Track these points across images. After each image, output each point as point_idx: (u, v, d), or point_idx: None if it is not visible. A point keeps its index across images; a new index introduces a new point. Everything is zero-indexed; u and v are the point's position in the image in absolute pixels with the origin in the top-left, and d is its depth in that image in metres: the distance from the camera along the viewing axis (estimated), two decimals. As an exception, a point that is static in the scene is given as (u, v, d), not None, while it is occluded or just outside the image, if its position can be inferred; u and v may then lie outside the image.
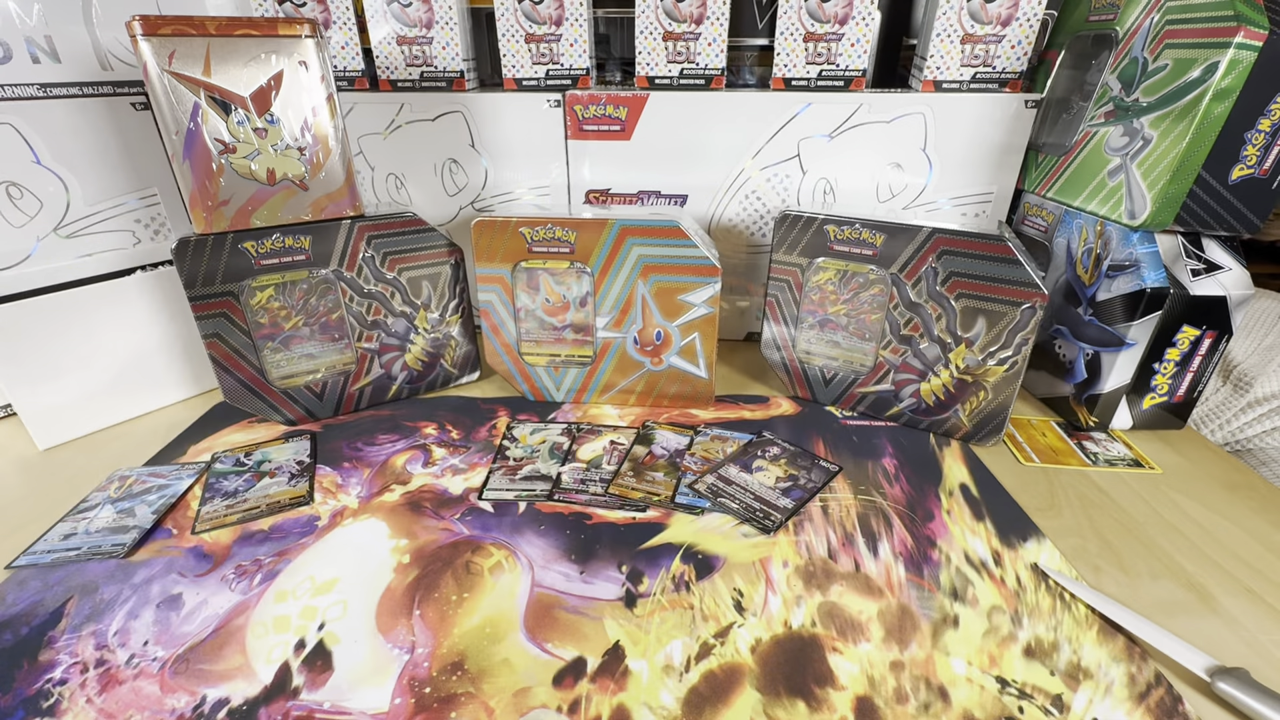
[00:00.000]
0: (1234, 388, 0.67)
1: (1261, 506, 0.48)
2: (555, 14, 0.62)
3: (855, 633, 0.37)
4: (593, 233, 0.52)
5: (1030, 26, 0.58)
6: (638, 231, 0.51)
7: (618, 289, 0.53)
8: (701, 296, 0.53)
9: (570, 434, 0.55)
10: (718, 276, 0.53)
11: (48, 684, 0.34)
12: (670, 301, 0.54)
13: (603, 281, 0.53)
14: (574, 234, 0.52)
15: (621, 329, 0.55)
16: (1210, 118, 0.45)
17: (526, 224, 0.53)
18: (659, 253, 0.52)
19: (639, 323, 0.54)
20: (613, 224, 0.51)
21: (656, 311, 0.54)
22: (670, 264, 0.52)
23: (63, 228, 0.53)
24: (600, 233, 0.52)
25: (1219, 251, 0.51)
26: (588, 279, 0.54)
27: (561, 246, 0.52)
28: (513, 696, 0.33)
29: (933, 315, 0.52)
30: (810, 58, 0.61)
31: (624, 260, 0.52)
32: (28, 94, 0.50)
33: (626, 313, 0.54)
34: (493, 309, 0.56)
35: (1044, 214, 0.61)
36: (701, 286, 0.53)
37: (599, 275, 0.53)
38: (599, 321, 0.55)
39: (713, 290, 0.53)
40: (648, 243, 0.52)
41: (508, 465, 0.51)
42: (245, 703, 0.33)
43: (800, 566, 0.41)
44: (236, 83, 0.48)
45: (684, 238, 0.51)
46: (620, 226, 0.51)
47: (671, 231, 0.51)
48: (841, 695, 0.33)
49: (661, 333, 0.54)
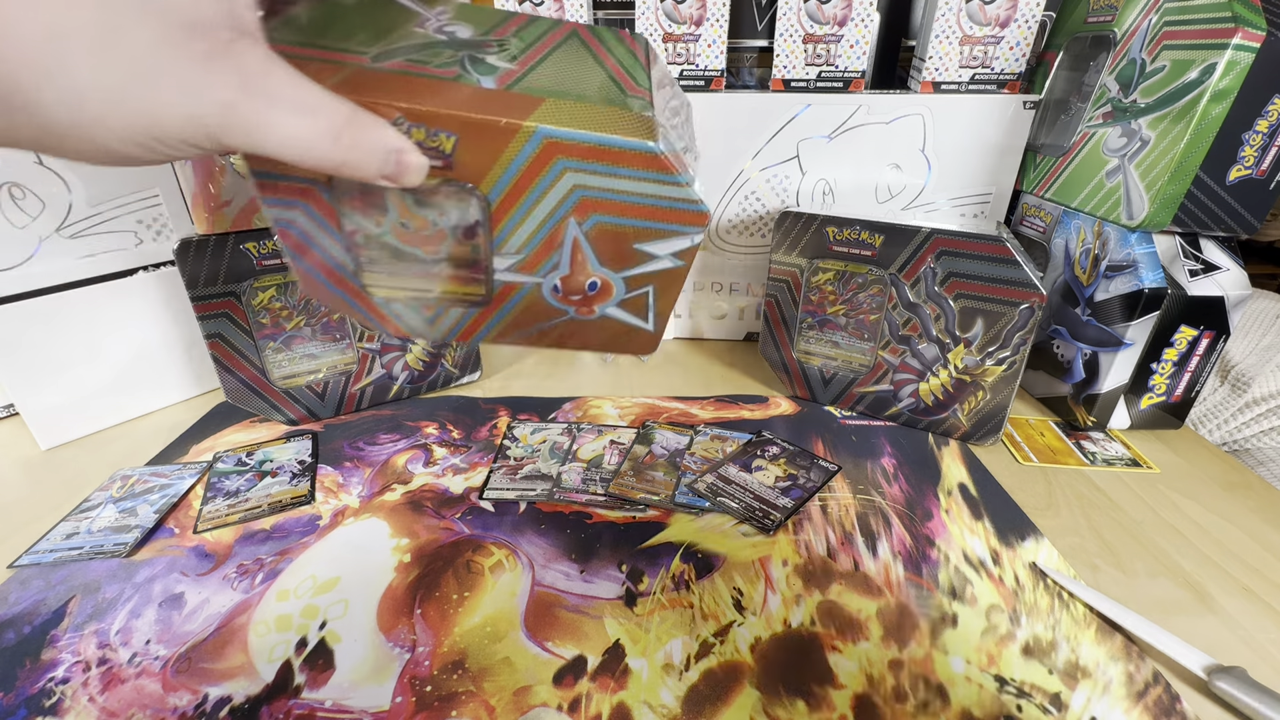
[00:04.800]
0: (1232, 388, 0.67)
1: (1259, 506, 0.48)
2: (555, 15, 0.62)
3: (854, 631, 0.37)
4: (491, 142, 0.28)
5: (1029, 28, 0.58)
6: (576, 151, 0.28)
7: (530, 226, 0.31)
8: (670, 248, 0.32)
9: (570, 433, 0.56)
10: (703, 226, 0.31)
11: (50, 683, 0.34)
12: (619, 248, 0.32)
13: (507, 213, 0.31)
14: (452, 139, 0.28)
15: (536, 273, 0.33)
16: (1208, 119, 0.45)
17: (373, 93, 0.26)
18: (610, 186, 0.30)
19: (564, 268, 0.33)
20: (531, 132, 0.28)
21: (593, 258, 0.33)
22: (627, 203, 0.30)
23: (65, 228, 0.53)
24: (505, 144, 0.28)
25: (1217, 252, 0.51)
26: (477, 204, 0.30)
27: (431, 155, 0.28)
28: (513, 695, 0.33)
29: (931, 315, 0.53)
30: (809, 59, 0.61)
31: (546, 188, 0.30)
32: (30, 95, 0.50)
33: (545, 256, 0.32)
34: (295, 230, 0.31)
35: (1042, 215, 0.61)
36: (673, 236, 0.32)
37: (500, 205, 0.30)
38: (499, 263, 0.33)
39: (690, 242, 0.32)
40: (593, 169, 0.29)
41: (508, 465, 0.51)
42: (247, 701, 0.33)
43: (800, 565, 0.42)
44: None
45: (662, 169, 0.29)
46: (544, 139, 0.28)
47: (639, 158, 0.29)
48: (841, 694, 0.33)
49: (598, 282, 0.34)
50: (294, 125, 0.22)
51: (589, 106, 0.28)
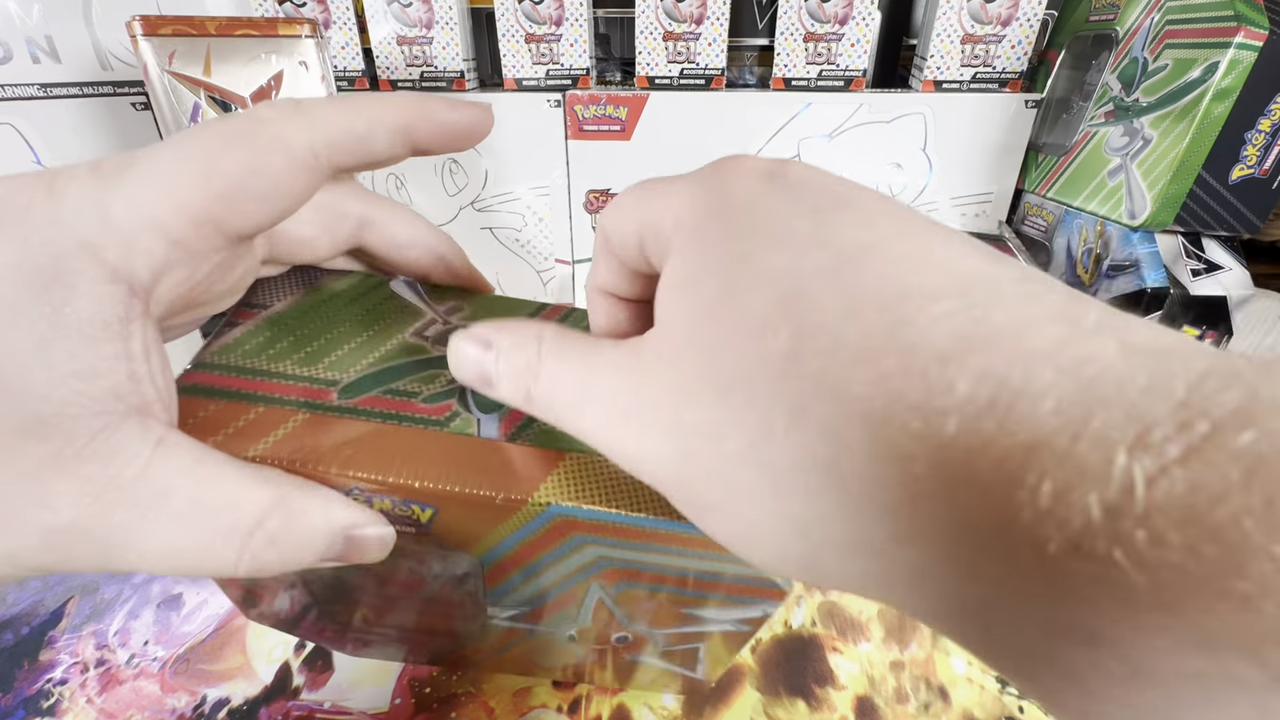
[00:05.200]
0: (1234, 388, 0.67)
1: (1261, 506, 0.48)
2: (555, 14, 0.62)
3: (855, 632, 0.37)
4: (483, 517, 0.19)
5: (1030, 26, 0.58)
6: (602, 530, 0.19)
7: (537, 588, 0.23)
8: (734, 615, 0.24)
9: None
10: (780, 600, 0.23)
11: (48, 684, 0.34)
12: (660, 613, 0.24)
13: (505, 575, 0.22)
14: (429, 511, 0.19)
15: (542, 624, 0.26)
16: (1210, 118, 0.45)
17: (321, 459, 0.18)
18: (650, 561, 0.21)
19: (582, 621, 0.25)
20: (539, 509, 0.18)
21: (625, 619, 0.25)
22: (672, 576, 0.22)
23: (63, 228, 0.53)
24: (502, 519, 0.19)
25: (1219, 251, 0.51)
26: (467, 561, 0.21)
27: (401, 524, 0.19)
28: (513, 697, 0.33)
29: (933, 315, 0.52)
30: (810, 58, 0.61)
31: (559, 557, 0.21)
32: (28, 94, 0.50)
33: (555, 612, 0.25)
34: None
35: (1044, 214, 0.61)
36: (742, 607, 0.23)
37: (493, 568, 0.22)
38: (495, 611, 0.25)
39: (761, 613, 0.24)
40: (626, 546, 0.20)
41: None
42: (246, 702, 0.33)
43: (800, 566, 0.41)
44: (237, 83, 0.48)
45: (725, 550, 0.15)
46: (556, 517, 0.19)
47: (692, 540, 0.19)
48: (842, 695, 0.33)
49: (629, 637, 0.27)
50: (177, 535, 0.15)
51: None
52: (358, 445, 0.18)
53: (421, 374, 0.21)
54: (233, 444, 0.18)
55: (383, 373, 0.20)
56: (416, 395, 0.20)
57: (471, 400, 0.20)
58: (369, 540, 0.18)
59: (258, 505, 0.16)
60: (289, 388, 0.19)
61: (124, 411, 0.15)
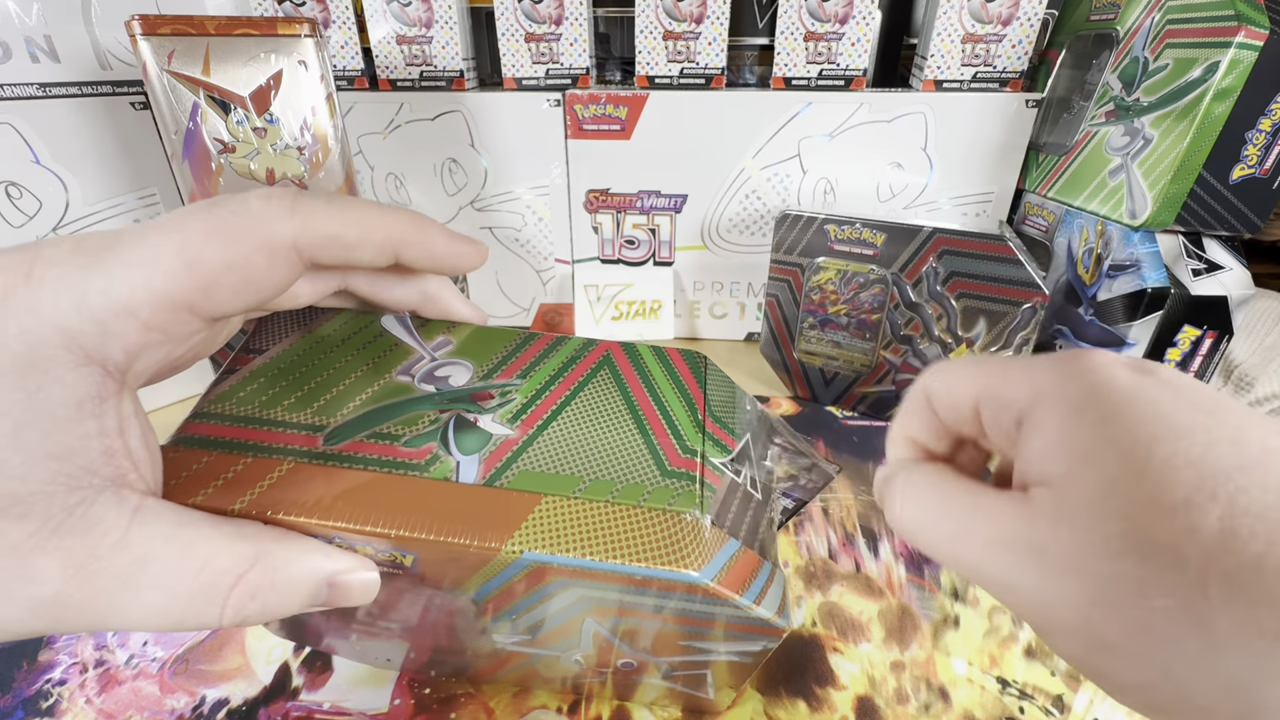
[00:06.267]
0: (1235, 388, 0.67)
1: (1262, 507, 0.48)
2: (555, 13, 0.62)
3: (856, 633, 0.37)
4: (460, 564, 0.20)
5: (1031, 26, 0.58)
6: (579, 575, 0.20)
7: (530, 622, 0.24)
8: (734, 648, 0.24)
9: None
10: (779, 637, 0.23)
11: (47, 684, 0.34)
12: (661, 644, 0.25)
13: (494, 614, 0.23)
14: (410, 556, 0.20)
15: (545, 649, 0.26)
16: (1211, 117, 0.45)
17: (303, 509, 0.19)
18: (633, 602, 0.21)
19: (584, 649, 0.26)
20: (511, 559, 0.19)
21: (625, 648, 0.25)
22: (663, 614, 0.22)
23: (62, 228, 0.53)
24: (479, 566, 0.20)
25: (1220, 251, 0.51)
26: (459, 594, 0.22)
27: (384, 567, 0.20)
28: (512, 698, 0.33)
29: (933, 315, 0.52)
30: (811, 57, 0.61)
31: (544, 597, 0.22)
32: (27, 94, 0.50)
33: (554, 641, 0.25)
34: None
35: (1045, 214, 0.61)
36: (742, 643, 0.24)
37: (487, 603, 0.22)
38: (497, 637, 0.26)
39: (761, 647, 0.24)
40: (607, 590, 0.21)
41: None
42: (245, 703, 0.33)
43: (800, 567, 0.41)
44: (236, 82, 0.48)
45: (713, 596, 0.20)
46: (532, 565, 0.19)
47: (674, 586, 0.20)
48: (842, 695, 0.33)
49: (634, 663, 0.27)
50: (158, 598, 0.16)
51: (599, 508, 0.20)
52: (339, 495, 0.19)
53: (405, 415, 0.21)
54: (220, 497, 0.19)
55: (368, 415, 0.21)
56: (399, 439, 0.21)
57: (453, 442, 0.21)
58: (352, 586, 0.18)
59: (236, 562, 0.16)
60: (279, 435, 0.20)
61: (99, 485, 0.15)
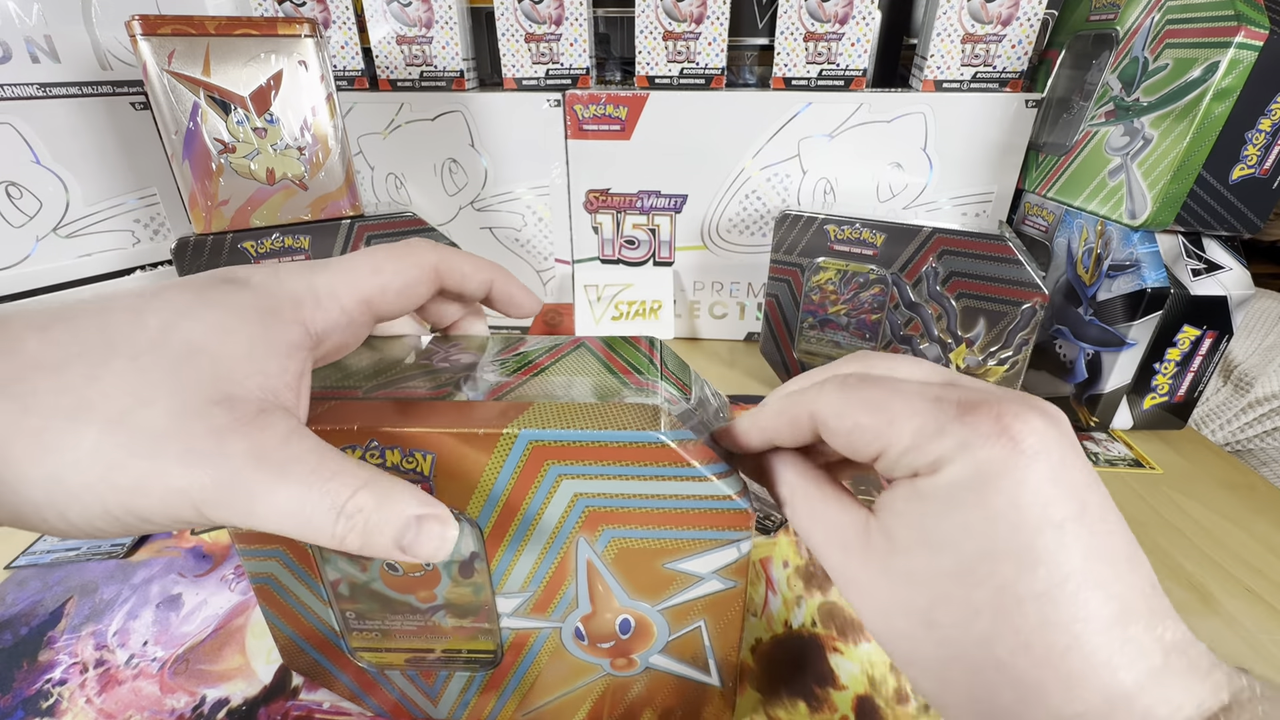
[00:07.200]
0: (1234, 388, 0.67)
1: (1262, 507, 0.48)
2: (555, 13, 0.62)
3: (856, 633, 0.37)
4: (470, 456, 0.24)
5: (1031, 26, 0.58)
6: (569, 453, 0.24)
7: (534, 553, 0.26)
8: (711, 563, 0.26)
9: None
10: (747, 530, 0.25)
11: (47, 684, 0.34)
12: (647, 571, 0.27)
13: (503, 539, 0.26)
14: (429, 458, 0.24)
15: (549, 615, 0.28)
16: (1211, 117, 0.45)
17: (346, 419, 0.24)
18: (616, 490, 0.25)
19: (584, 606, 0.28)
20: (513, 438, 0.23)
21: (618, 588, 0.27)
22: (642, 509, 0.25)
23: (62, 228, 0.53)
24: (486, 457, 0.24)
25: (1219, 251, 0.51)
26: (470, 531, 0.26)
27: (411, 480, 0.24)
28: None
29: (933, 315, 0.52)
30: (810, 57, 0.61)
31: (542, 502, 0.25)
32: (27, 94, 0.50)
33: (557, 590, 0.27)
34: (273, 584, 0.29)
35: (1044, 214, 0.61)
36: (711, 547, 0.26)
37: (494, 529, 0.26)
38: (503, 604, 0.28)
39: (736, 552, 0.26)
40: (593, 473, 0.24)
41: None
42: (245, 703, 0.33)
43: (800, 567, 0.41)
44: (236, 82, 0.48)
45: (674, 460, 0.24)
46: (529, 444, 0.24)
47: (643, 452, 0.24)
48: (842, 695, 0.33)
49: (630, 620, 0.28)
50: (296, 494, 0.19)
51: (579, 405, 0.25)
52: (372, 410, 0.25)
53: (424, 377, 0.27)
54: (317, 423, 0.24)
55: (394, 379, 0.27)
56: (420, 388, 0.26)
57: (464, 385, 0.26)
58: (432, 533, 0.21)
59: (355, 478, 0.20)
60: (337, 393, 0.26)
61: (278, 405, 0.21)
